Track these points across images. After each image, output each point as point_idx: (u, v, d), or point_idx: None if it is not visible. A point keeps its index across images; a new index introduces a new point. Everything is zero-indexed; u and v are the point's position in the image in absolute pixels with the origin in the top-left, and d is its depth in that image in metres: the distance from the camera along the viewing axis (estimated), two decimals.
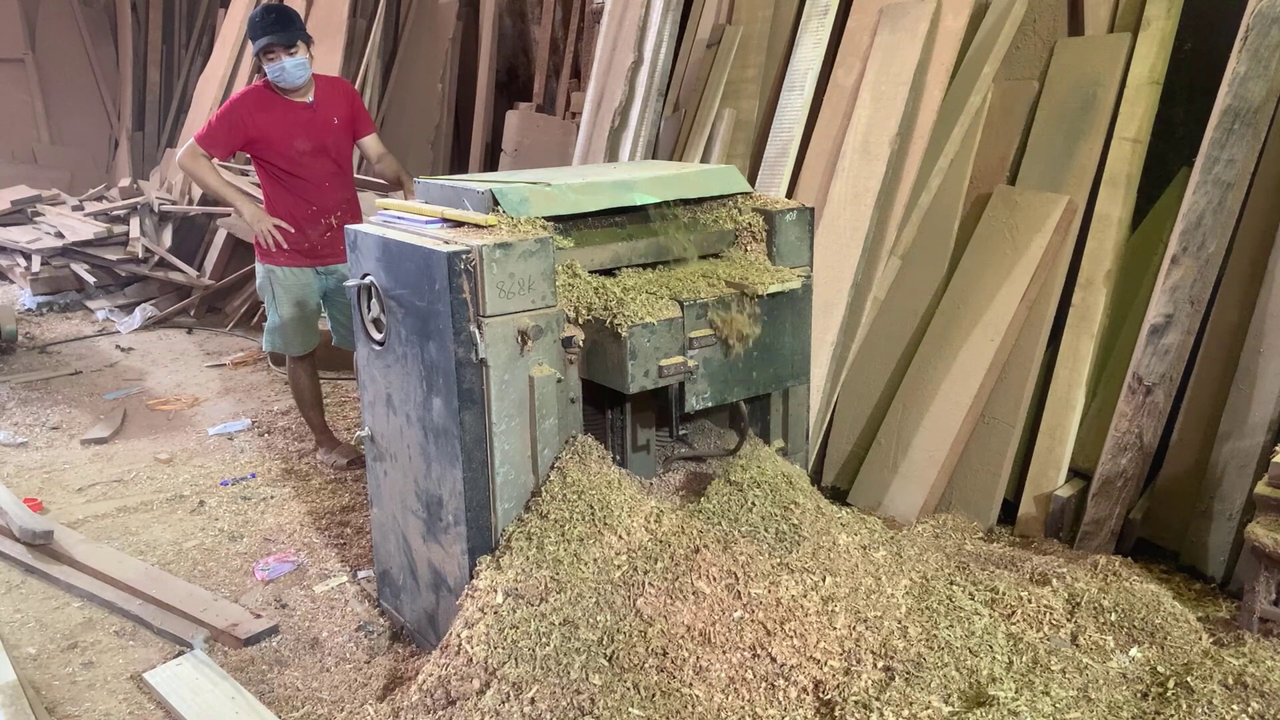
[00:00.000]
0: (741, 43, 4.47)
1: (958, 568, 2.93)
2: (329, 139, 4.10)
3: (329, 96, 4.13)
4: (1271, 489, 2.70)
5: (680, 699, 2.28)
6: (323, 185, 4.11)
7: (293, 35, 3.87)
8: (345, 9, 7.52)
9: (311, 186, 4.09)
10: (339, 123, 4.14)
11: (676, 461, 3.02)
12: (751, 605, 2.49)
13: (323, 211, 4.12)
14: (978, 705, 2.34)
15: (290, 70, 3.90)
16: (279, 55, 3.87)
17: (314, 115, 4.05)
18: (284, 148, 4.01)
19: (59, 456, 4.52)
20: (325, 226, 4.14)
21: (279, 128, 4.00)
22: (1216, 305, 3.27)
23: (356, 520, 3.75)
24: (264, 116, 3.98)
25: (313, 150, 4.06)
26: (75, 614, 3.20)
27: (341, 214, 4.17)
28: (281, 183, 4.09)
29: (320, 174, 4.10)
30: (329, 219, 4.14)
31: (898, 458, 3.67)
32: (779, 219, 2.91)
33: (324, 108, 4.09)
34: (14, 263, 7.30)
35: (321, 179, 4.11)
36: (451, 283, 2.39)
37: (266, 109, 3.99)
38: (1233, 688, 2.39)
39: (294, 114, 4.02)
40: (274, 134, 3.99)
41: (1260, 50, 3.09)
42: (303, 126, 4.03)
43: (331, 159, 4.14)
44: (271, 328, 4.21)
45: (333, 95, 4.15)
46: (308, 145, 4.04)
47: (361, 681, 2.80)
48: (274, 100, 4.01)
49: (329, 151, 4.12)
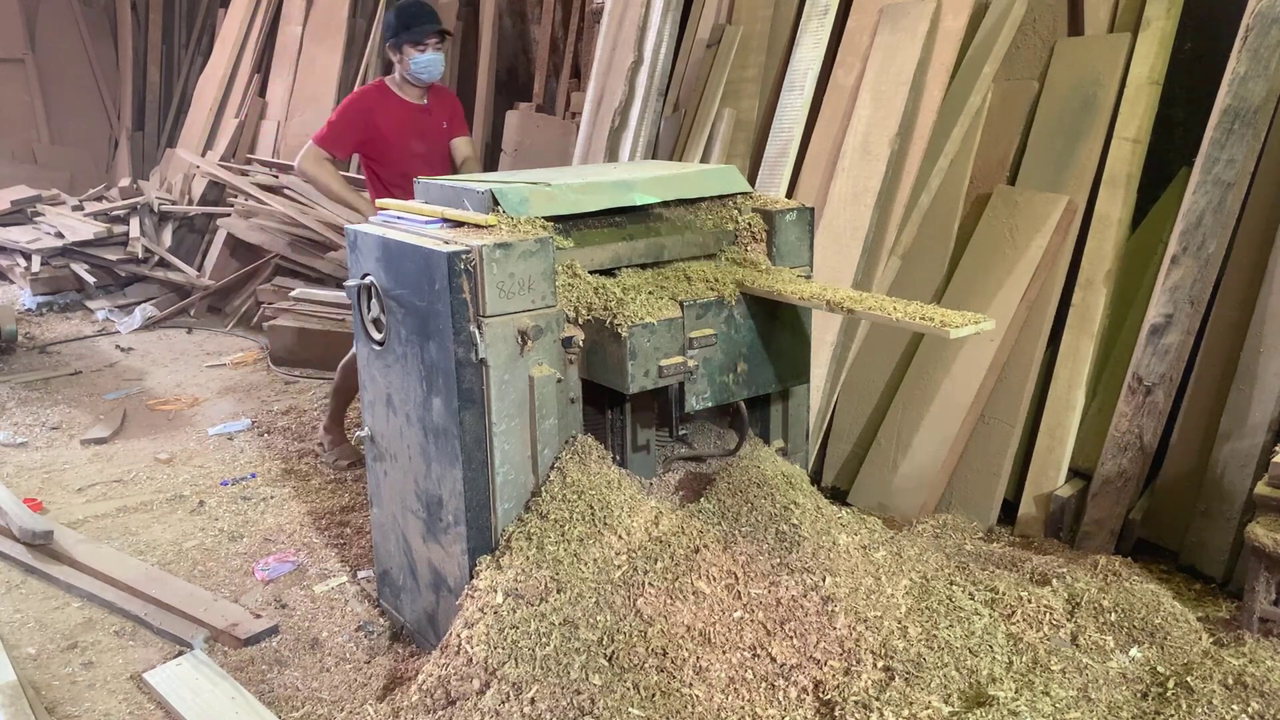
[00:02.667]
0: (741, 43, 4.47)
1: (958, 568, 2.93)
2: (439, 143, 4.04)
3: (439, 100, 4.08)
4: (1271, 489, 2.70)
5: (680, 699, 2.28)
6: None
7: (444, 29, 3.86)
8: (345, 9, 7.52)
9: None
10: (447, 127, 4.08)
11: (676, 461, 3.02)
12: (751, 605, 2.49)
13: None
14: (978, 705, 2.34)
15: (436, 64, 3.86)
16: (429, 46, 3.83)
17: (429, 118, 3.99)
18: (399, 149, 3.91)
19: (59, 456, 4.52)
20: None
21: (396, 128, 3.90)
22: (1216, 305, 3.27)
23: (356, 520, 3.75)
24: (383, 115, 3.89)
25: (425, 153, 3.97)
26: (75, 614, 3.20)
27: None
28: (391, 188, 3.94)
29: (432, 170, 3.92)
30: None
31: (898, 458, 3.67)
32: (779, 219, 2.91)
33: (436, 111, 4.03)
34: (14, 263, 7.30)
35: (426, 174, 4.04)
36: (451, 283, 2.39)
37: (385, 108, 3.91)
38: (1233, 688, 2.40)
39: (411, 115, 3.95)
40: (391, 134, 3.89)
41: (1260, 50, 3.09)
42: (419, 128, 3.96)
43: (439, 163, 4.05)
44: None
45: (442, 99, 4.10)
46: (421, 148, 3.96)
47: (361, 681, 2.80)
48: (392, 99, 3.94)
49: (438, 155, 4.04)
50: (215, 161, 7.60)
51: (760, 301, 2.69)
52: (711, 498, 2.74)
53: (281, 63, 7.87)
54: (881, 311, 2.43)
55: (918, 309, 2.42)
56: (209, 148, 7.93)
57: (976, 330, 2.34)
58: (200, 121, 8.11)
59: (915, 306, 2.44)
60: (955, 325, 2.30)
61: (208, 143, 7.98)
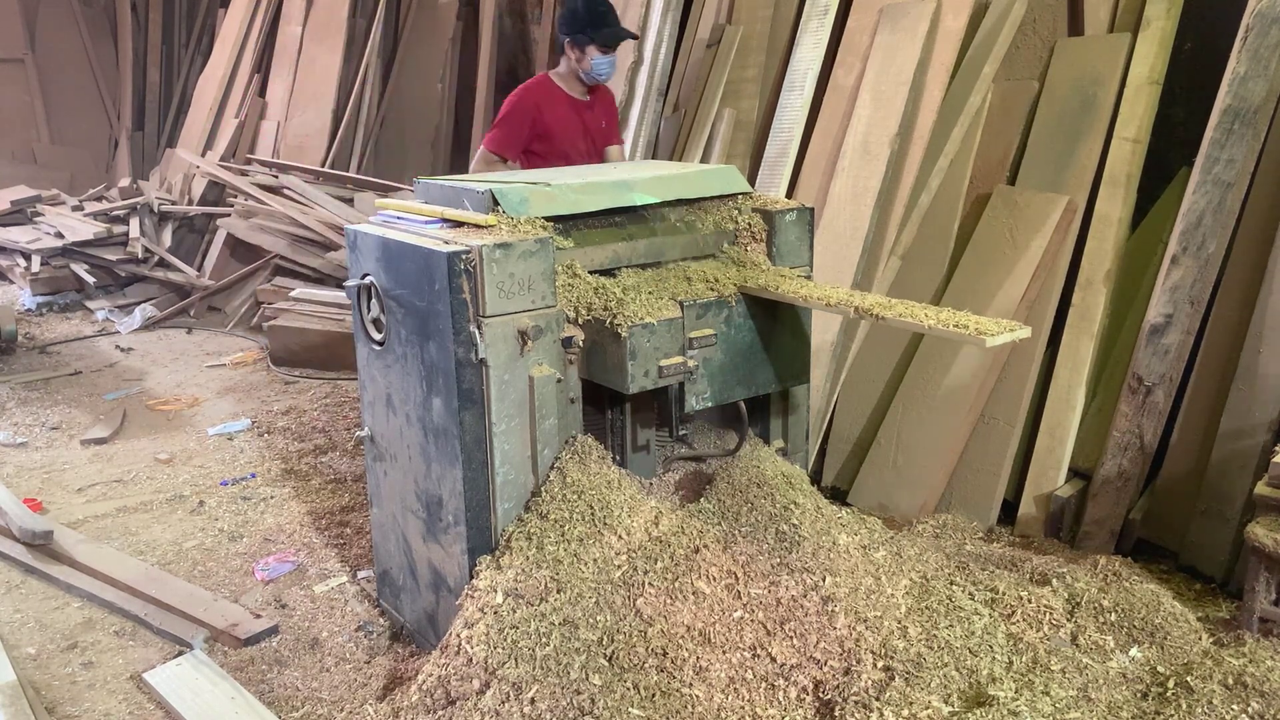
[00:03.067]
0: (741, 43, 4.47)
1: (958, 568, 2.93)
2: (599, 143, 3.88)
3: (599, 98, 3.89)
4: (1271, 489, 2.70)
5: (680, 699, 2.28)
6: None
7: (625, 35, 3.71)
8: (345, 9, 7.52)
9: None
10: (605, 127, 3.91)
11: (676, 461, 3.02)
12: (751, 605, 2.49)
13: None
14: (978, 705, 2.34)
15: (606, 68, 3.71)
16: (612, 49, 3.68)
17: (592, 115, 3.84)
18: (564, 147, 3.74)
19: (59, 456, 4.52)
20: None
21: (562, 124, 3.74)
22: (1216, 305, 3.27)
23: (356, 520, 3.75)
24: (550, 111, 3.72)
25: (587, 152, 3.81)
26: (75, 614, 3.20)
27: None
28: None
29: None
30: None
31: (898, 458, 3.67)
32: (779, 219, 2.91)
33: (597, 109, 3.86)
34: (14, 263, 7.29)
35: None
36: (451, 283, 2.39)
37: (552, 103, 3.73)
38: (1233, 688, 2.40)
39: (577, 112, 3.78)
40: (557, 131, 3.73)
41: (1260, 50, 3.09)
42: (583, 126, 3.80)
43: (598, 161, 3.87)
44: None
45: (602, 98, 3.91)
46: (584, 146, 3.80)
47: (361, 681, 2.80)
48: (558, 94, 3.77)
49: (598, 155, 3.88)
50: (215, 161, 7.60)
51: (760, 301, 2.69)
52: (711, 498, 2.74)
53: (281, 63, 7.87)
54: (912, 318, 2.37)
55: (950, 316, 2.36)
56: (209, 148, 7.93)
57: (1013, 339, 2.27)
58: (200, 121, 8.11)
59: (947, 314, 2.37)
60: (991, 334, 2.23)
61: (208, 143, 7.98)
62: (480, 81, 7.54)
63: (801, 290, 2.63)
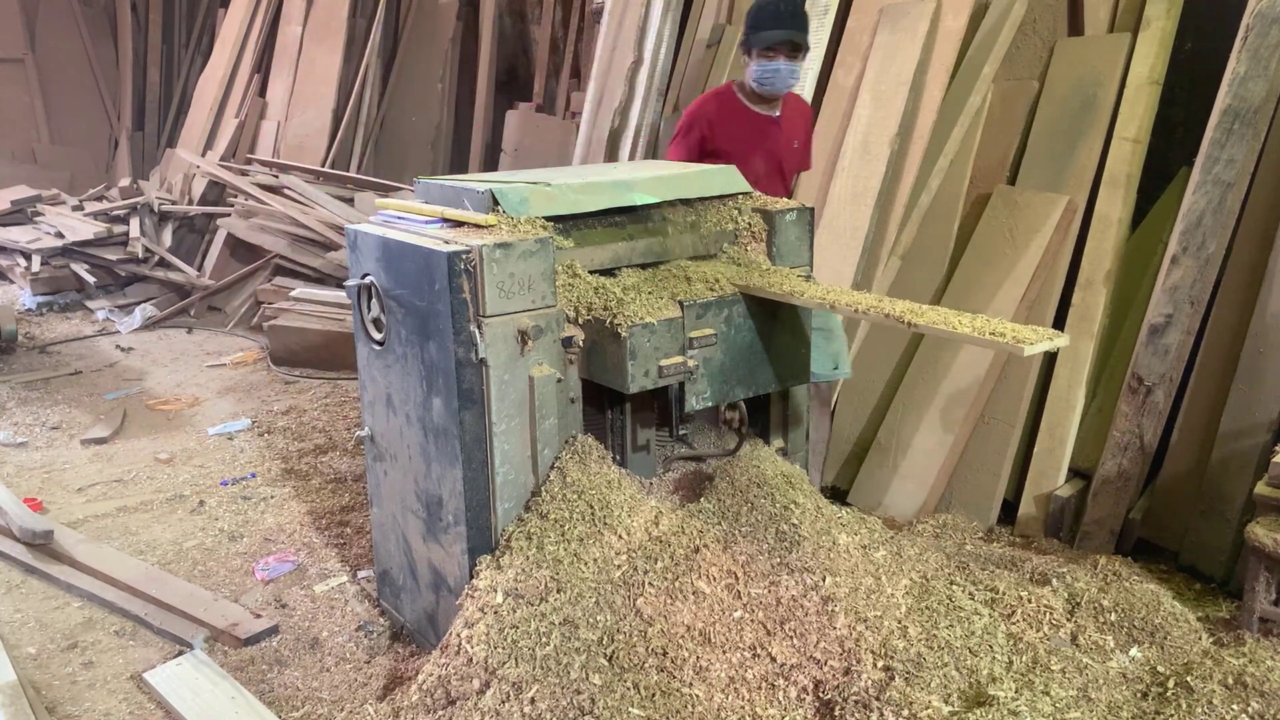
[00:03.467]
0: None
1: (958, 568, 2.93)
2: (787, 164, 3.39)
3: (793, 114, 3.40)
4: (1271, 489, 2.70)
5: (680, 699, 2.28)
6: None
7: (806, 38, 3.20)
8: (345, 9, 7.53)
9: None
10: (798, 147, 3.43)
11: (676, 461, 3.02)
12: (751, 605, 2.49)
13: None
14: (978, 705, 2.34)
15: (784, 76, 3.21)
16: (778, 55, 3.16)
17: (779, 133, 3.35)
18: (741, 166, 3.17)
19: (59, 456, 4.52)
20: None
21: (740, 142, 3.29)
22: (1216, 305, 3.27)
23: (356, 520, 3.75)
24: (726, 126, 3.30)
25: (768, 174, 3.32)
26: (75, 614, 3.20)
27: None
28: None
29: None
30: None
31: (898, 458, 3.67)
32: (779, 219, 2.92)
33: (789, 126, 3.37)
34: (14, 263, 7.29)
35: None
36: (451, 283, 2.39)
37: (730, 117, 3.31)
38: (1233, 688, 2.40)
39: (759, 128, 3.32)
40: (733, 148, 3.28)
41: (1260, 50, 3.09)
42: (766, 144, 3.32)
43: (783, 187, 3.41)
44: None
45: (796, 114, 3.43)
46: (764, 167, 3.31)
47: (361, 681, 2.80)
48: (738, 108, 3.32)
49: (784, 178, 3.40)
50: (215, 161, 7.60)
51: (760, 301, 2.69)
52: (711, 498, 2.74)
53: (281, 63, 7.87)
54: (946, 326, 2.31)
55: (985, 324, 2.30)
56: (209, 148, 7.94)
57: (1052, 347, 2.22)
58: (200, 121, 8.12)
59: (982, 321, 2.31)
60: (1029, 342, 2.17)
61: (208, 143, 7.98)
62: (480, 81, 7.54)
63: (829, 296, 2.56)
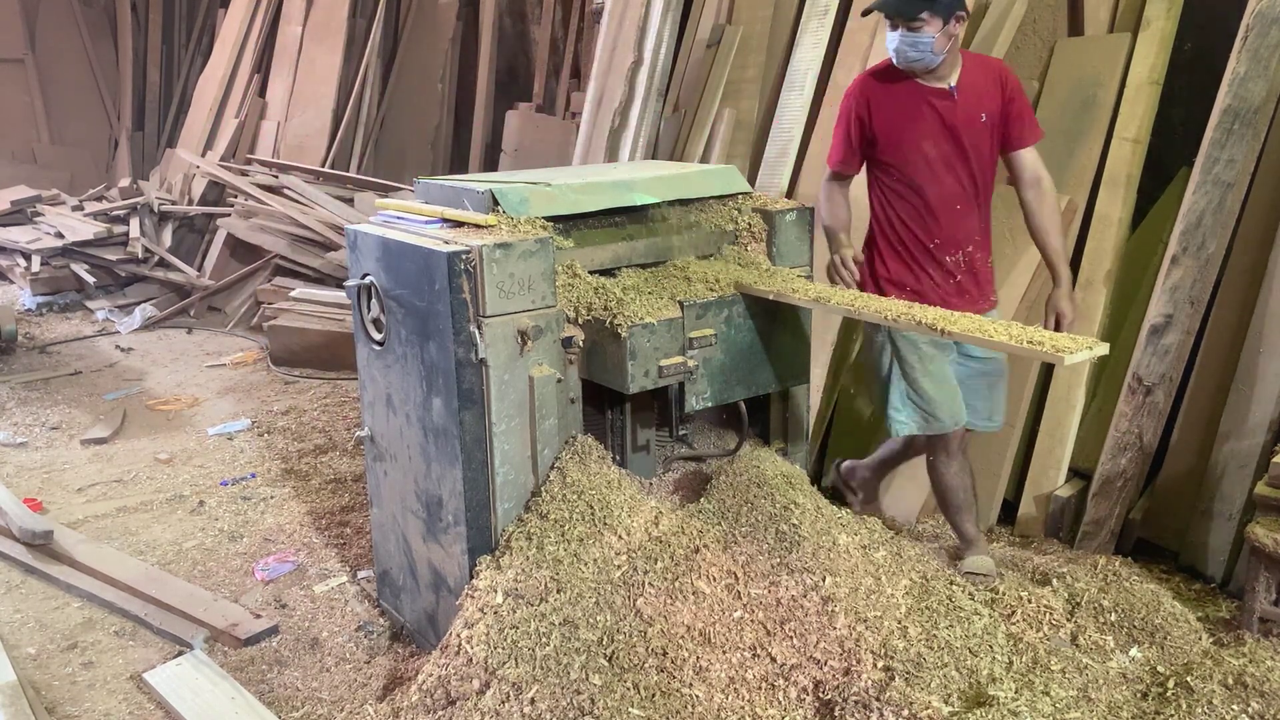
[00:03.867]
0: (741, 43, 4.47)
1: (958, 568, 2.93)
2: (969, 143, 2.90)
3: (978, 83, 2.90)
4: (1271, 489, 2.70)
5: (680, 699, 2.28)
6: (951, 208, 2.93)
7: (906, 5, 2.76)
8: (345, 9, 7.53)
9: (935, 209, 2.92)
10: (986, 121, 2.91)
11: (676, 461, 3.02)
12: (751, 605, 2.49)
13: (947, 245, 2.95)
14: (978, 705, 2.34)
15: (905, 50, 2.80)
16: (898, 23, 2.80)
17: (953, 107, 2.88)
18: (907, 150, 2.90)
19: (59, 456, 4.52)
20: (950, 268, 2.97)
21: (902, 121, 2.90)
22: (1216, 305, 3.27)
23: (356, 520, 3.75)
24: (884, 103, 2.92)
25: (944, 157, 2.90)
26: (75, 614, 3.20)
27: (973, 250, 2.99)
28: (894, 202, 2.96)
29: (949, 192, 2.92)
30: (956, 255, 2.96)
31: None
32: (779, 219, 2.91)
33: (969, 98, 2.89)
34: (14, 263, 7.29)
35: (950, 199, 2.92)
36: (451, 283, 2.39)
37: (888, 93, 2.91)
38: (1233, 688, 2.40)
39: (925, 103, 2.88)
40: (893, 129, 2.91)
41: (1260, 50, 3.09)
42: (935, 122, 2.88)
43: (968, 171, 2.92)
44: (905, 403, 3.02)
45: (983, 82, 2.91)
46: (937, 150, 2.90)
47: (361, 681, 2.80)
48: (899, 82, 2.91)
49: (967, 160, 2.91)
50: (215, 161, 7.60)
51: (760, 301, 2.69)
52: (711, 498, 2.74)
53: (281, 63, 7.87)
54: (981, 334, 2.27)
55: (1022, 332, 2.26)
56: (209, 148, 7.94)
57: (1092, 356, 2.20)
58: (200, 121, 8.12)
59: (1018, 329, 2.27)
60: (1068, 351, 2.14)
61: (208, 143, 7.98)
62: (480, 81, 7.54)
63: (856, 302, 2.51)
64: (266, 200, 6.85)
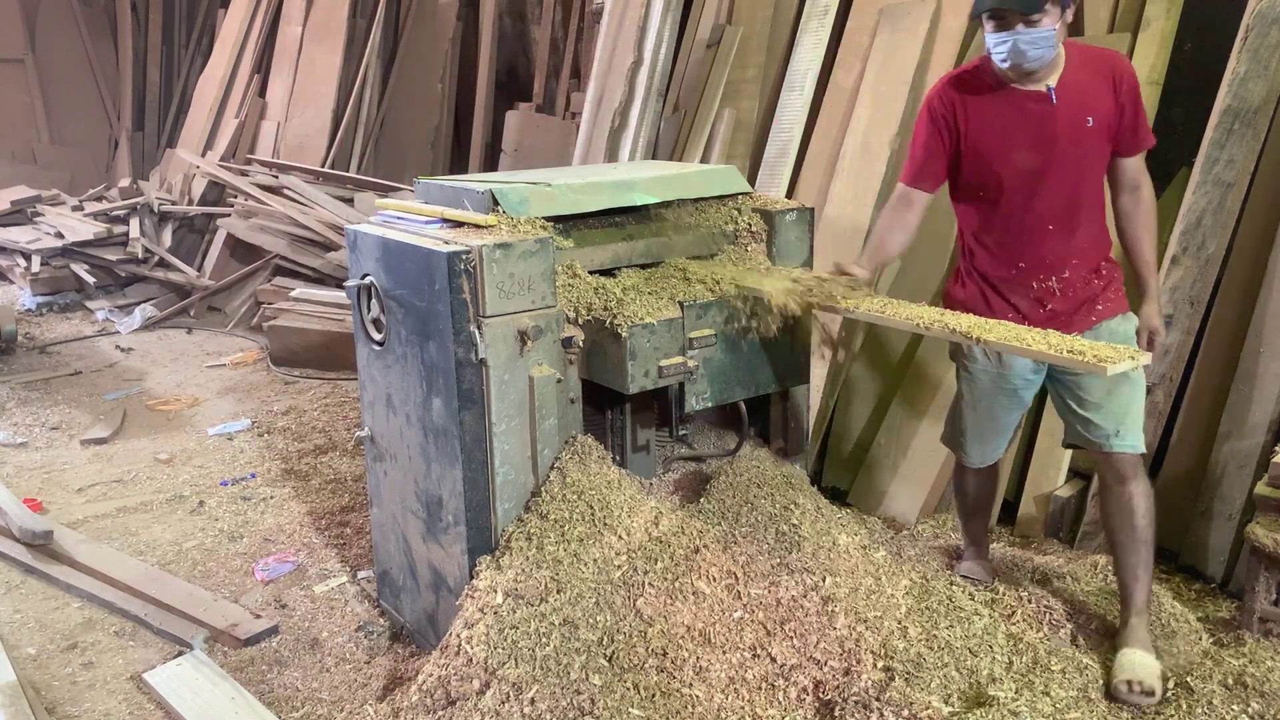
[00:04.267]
0: (741, 43, 4.46)
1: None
2: (1071, 154, 2.47)
3: (1082, 82, 2.46)
4: (1271, 489, 2.70)
5: (680, 699, 2.28)
6: (1042, 229, 2.53)
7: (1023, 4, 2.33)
8: (345, 9, 7.53)
9: (1020, 232, 2.55)
10: (1094, 125, 2.46)
11: (676, 461, 3.02)
12: (751, 605, 2.49)
13: (1034, 269, 2.56)
14: (978, 705, 2.34)
15: (1024, 49, 2.38)
16: (1013, 20, 2.36)
17: (1052, 114, 2.46)
18: (996, 166, 2.53)
19: (59, 456, 4.52)
20: (1039, 294, 2.57)
21: (991, 135, 2.52)
22: (1216, 305, 3.27)
23: (356, 520, 3.75)
24: (973, 114, 2.53)
25: (1036, 172, 2.49)
26: (75, 614, 3.20)
27: (1070, 275, 2.55)
28: (983, 217, 2.61)
29: (1041, 212, 2.52)
30: (1046, 281, 2.56)
31: (898, 458, 3.67)
32: (779, 219, 2.92)
33: (1071, 100, 2.45)
34: (14, 263, 7.29)
35: (1041, 220, 2.53)
36: (451, 283, 2.39)
37: (977, 102, 2.53)
38: (1233, 688, 2.40)
39: (1017, 108, 2.48)
40: (982, 143, 2.54)
41: (1260, 50, 3.09)
42: (1029, 133, 2.48)
43: (1066, 187, 2.50)
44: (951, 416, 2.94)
45: (1089, 80, 2.46)
46: (1029, 165, 2.49)
47: (361, 681, 2.80)
48: (987, 88, 2.52)
49: (1064, 173, 2.49)
50: (215, 162, 7.60)
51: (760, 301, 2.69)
52: (711, 498, 2.74)
53: (281, 63, 7.87)
54: (1019, 343, 2.24)
55: (1060, 340, 2.21)
56: (209, 148, 7.94)
57: (1134, 366, 2.17)
58: (200, 122, 8.12)
59: (1057, 338, 2.24)
60: (1111, 361, 2.10)
61: (208, 143, 7.98)
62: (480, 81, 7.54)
63: (887, 309, 2.43)
64: (266, 200, 6.85)
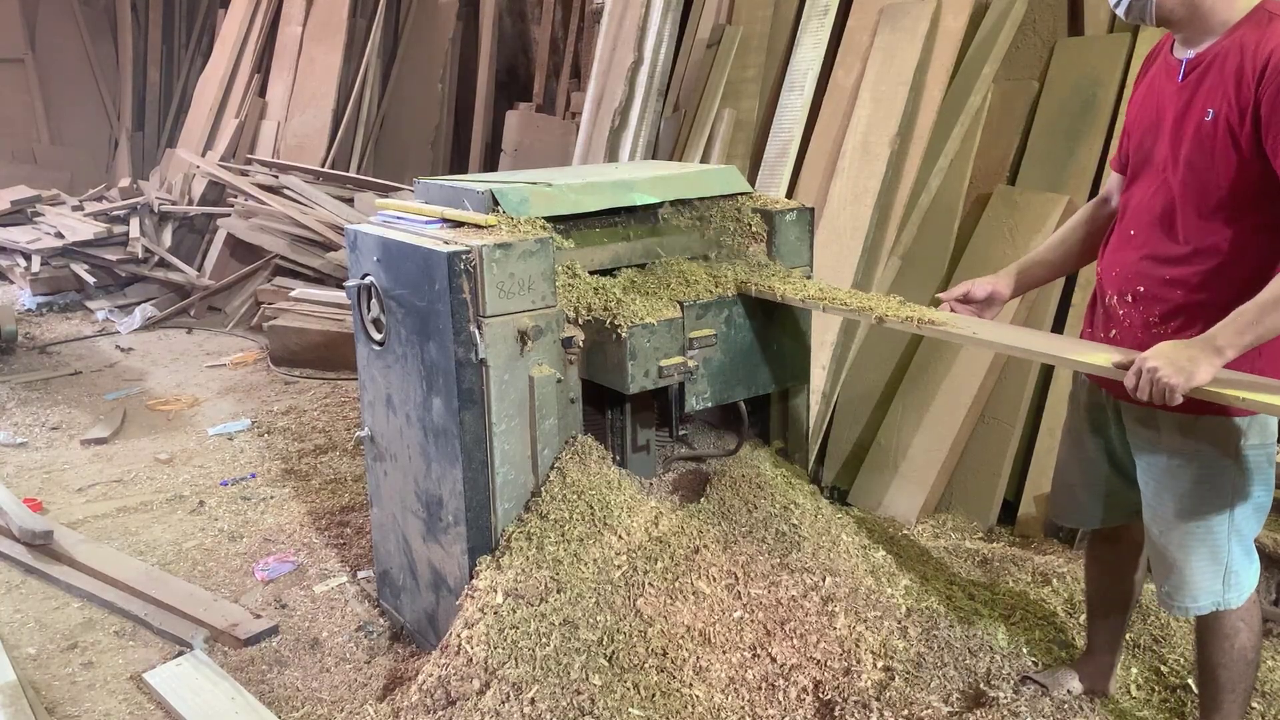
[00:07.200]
0: (741, 43, 4.47)
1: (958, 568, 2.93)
2: (1180, 149, 1.98)
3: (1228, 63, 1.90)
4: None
5: (680, 699, 2.28)
6: (1123, 232, 2.13)
7: None
8: (345, 9, 7.53)
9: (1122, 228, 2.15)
10: (1214, 117, 1.91)
11: (676, 461, 3.02)
12: (751, 605, 2.49)
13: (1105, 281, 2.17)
14: (977, 705, 2.34)
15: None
16: None
17: (1176, 92, 2.00)
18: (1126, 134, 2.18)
19: (59, 456, 4.52)
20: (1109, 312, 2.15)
21: (1135, 96, 2.16)
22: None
23: (356, 520, 3.75)
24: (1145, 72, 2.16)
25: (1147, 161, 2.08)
26: (75, 614, 3.20)
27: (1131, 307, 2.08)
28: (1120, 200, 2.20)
29: (1134, 209, 2.11)
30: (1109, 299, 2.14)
31: (898, 458, 3.67)
32: (779, 219, 2.92)
33: (1199, 81, 1.95)
34: (14, 263, 7.29)
35: (1130, 217, 2.12)
36: (451, 283, 2.39)
37: (1152, 60, 2.15)
38: None
39: (1156, 78, 2.09)
40: (1130, 105, 2.18)
41: None
42: (1151, 108, 2.08)
43: (1166, 189, 2.02)
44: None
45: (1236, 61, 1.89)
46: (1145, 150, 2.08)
47: (361, 681, 2.80)
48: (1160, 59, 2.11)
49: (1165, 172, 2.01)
50: (215, 161, 7.60)
51: (760, 301, 2.69)
52: (711, 498, 2.74)
53: (281, 63, 7.87)
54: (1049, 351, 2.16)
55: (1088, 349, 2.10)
56: (209, 148, 7.94)
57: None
58: (200, 121, 8.12)
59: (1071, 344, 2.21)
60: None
61: (208, 143, 7.99)
62: (480, 81, 7.55)
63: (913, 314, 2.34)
64: (266, 200, 6.85)
